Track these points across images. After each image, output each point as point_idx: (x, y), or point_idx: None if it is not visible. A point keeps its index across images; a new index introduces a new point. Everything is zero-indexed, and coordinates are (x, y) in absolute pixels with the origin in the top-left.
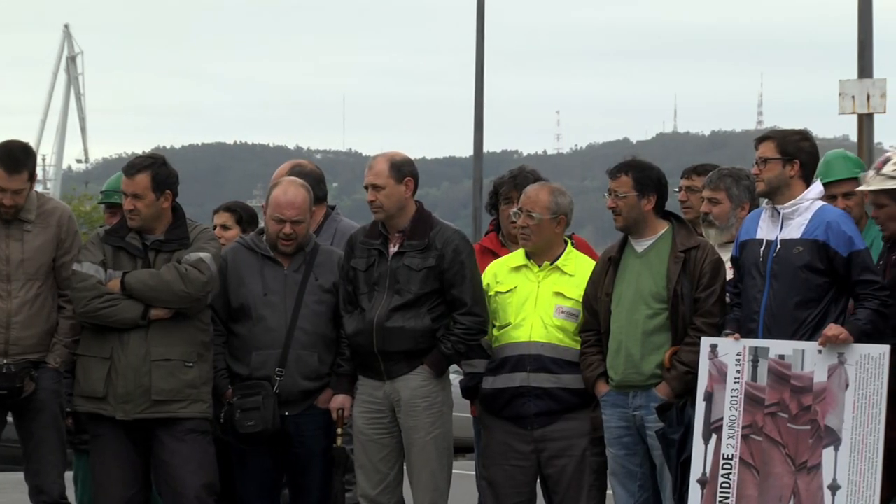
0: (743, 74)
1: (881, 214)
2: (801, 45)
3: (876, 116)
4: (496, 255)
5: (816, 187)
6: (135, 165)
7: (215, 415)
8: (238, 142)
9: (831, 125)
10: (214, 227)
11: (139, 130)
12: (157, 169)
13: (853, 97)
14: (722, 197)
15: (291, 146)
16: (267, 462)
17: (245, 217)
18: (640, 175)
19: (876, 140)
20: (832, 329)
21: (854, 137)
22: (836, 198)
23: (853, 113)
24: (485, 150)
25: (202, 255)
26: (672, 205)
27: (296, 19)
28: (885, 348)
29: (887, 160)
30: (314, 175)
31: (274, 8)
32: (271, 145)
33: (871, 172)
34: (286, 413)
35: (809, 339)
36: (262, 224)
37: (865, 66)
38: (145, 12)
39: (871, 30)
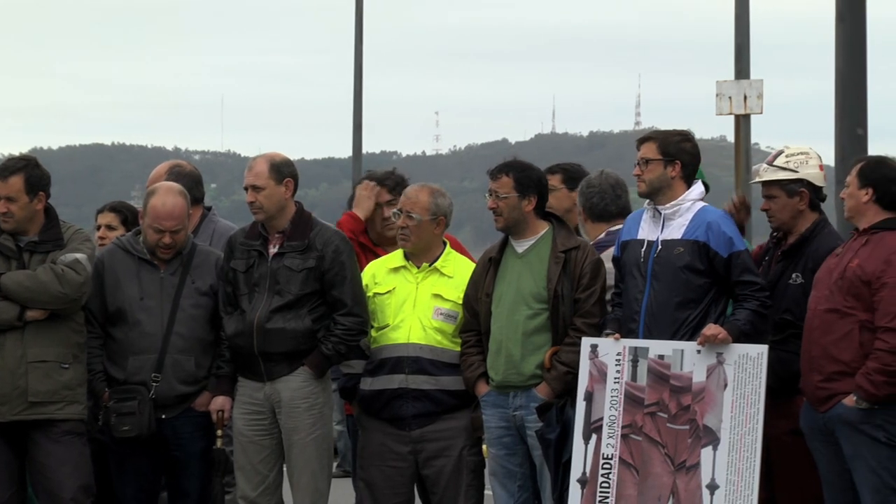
0: (620, 75)
1: (773, 205)
2: (679, 47)
3: (753, 117)
4: (369, 250)
5: (697, 188)
6: (7, 168)
7: (94, 415)
8: (116, 143)
9: (709, 126)
10: (99, 228)
11: (14, 131)
12: (30, 171)
13: (730, 98)
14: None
15: (170, 147)
16: (145, 464)
17: (130, 217)
18: (520, 176)
19: (753, 140)
20: (711, 329)
21: (731, 138)
22: None
23: (730, 114)
24: (364, 151)
25: (78, 255)
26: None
27: (173, 19)
28: (764, 348)
29: (780, 153)
30: (192, 176)
31: (150, 8)
32: (149, 146)
33: (763, 166)
34: (163, 416)
35: (690, 339)
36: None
37: (742, 68)
38: (18, 13)
39: (747, 32)
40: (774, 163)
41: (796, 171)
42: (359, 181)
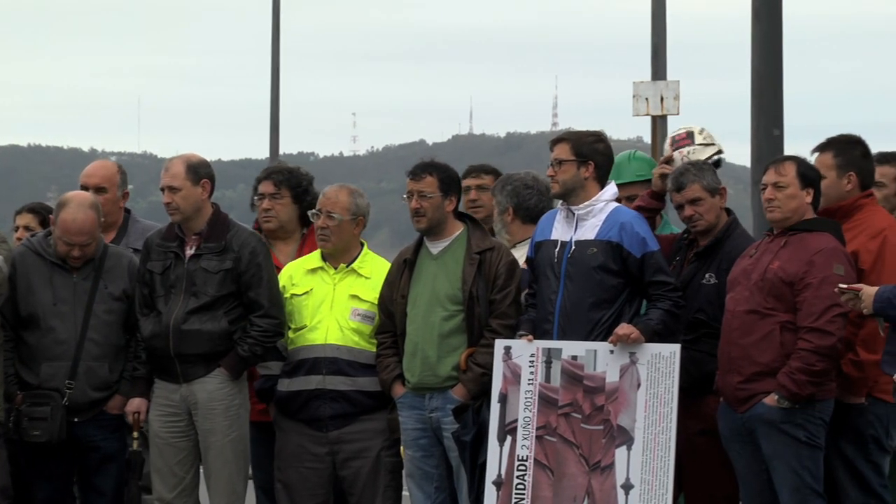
0: (538, 76)
1: (700, 209)
2: (596, 48)
3: (669, 118)
4: None
5: (611, 188)
6: None
7: (6, 417)
8: (32, 144)
9: (626, 127)
10: (17, 229)
11: None
12: None
13: (647, 99)
14: (494, 203)
15: (86, 148)
16: (59, 466)
17: (48, 219)
18: (444, 176)
19: None
20: (623, 328)
21: (648, 139)
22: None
23: (647, 115)
24: (281, 151)
25: None
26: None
27: (88, 20)
28: (676, 347)
29: (690, 133)
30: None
31: (65, 8)
32: (66, 147)
33: (687, 149)
34: (75, 420)
35: (604, 339)
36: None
37: (659, 69)
38: None
39: (664, 32)
40: (696, 142)
41: (714, 144)
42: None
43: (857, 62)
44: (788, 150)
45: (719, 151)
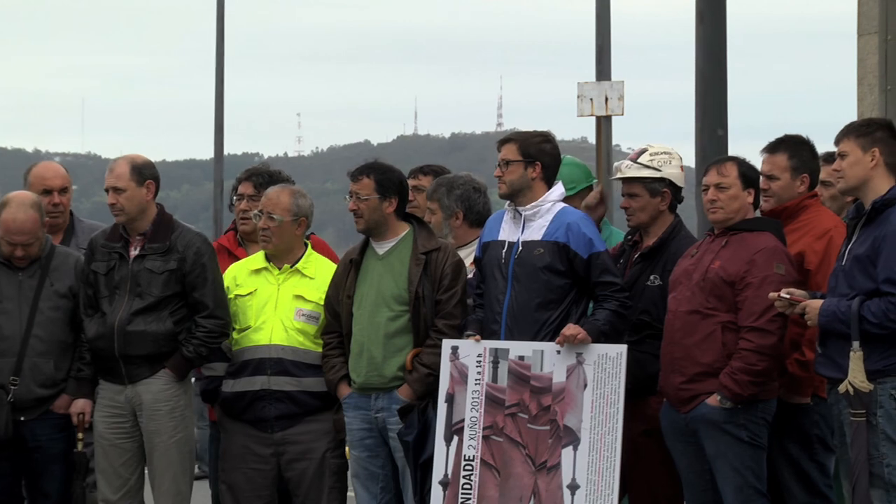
0: (482, 77)
1: (634, 204)
2: (540, 48)
3: (614, 118)
4: (232, 254)
5: (558, 189)
6: None
7: None
8: None
9: (570, 127)
10: None
11: None
12: None
13: (591, 99)
14: (435, 207)
15: (30, 149)
16: (4, 466)
17: None
18: (381, 177)
19: (614, 142)
20: (570, 329)
21: (593, 139)
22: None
23: (592, 115)
24: (225, 152)
25: None
26: None
27: (30, 19)
28: (623, 348)
29: (643, 151)
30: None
31: (7, 9)
32: (9, 148)
33: (626, 162)
34: (21, 418)
35: (551, 340)
36: None
37: (604, 69)
38: None
39: (608, 33)
40: (638, 160)
41: (659, 170)
42: (241, 179)
43: (797, 62)
44: (732, 151)
45: (661, 179)
